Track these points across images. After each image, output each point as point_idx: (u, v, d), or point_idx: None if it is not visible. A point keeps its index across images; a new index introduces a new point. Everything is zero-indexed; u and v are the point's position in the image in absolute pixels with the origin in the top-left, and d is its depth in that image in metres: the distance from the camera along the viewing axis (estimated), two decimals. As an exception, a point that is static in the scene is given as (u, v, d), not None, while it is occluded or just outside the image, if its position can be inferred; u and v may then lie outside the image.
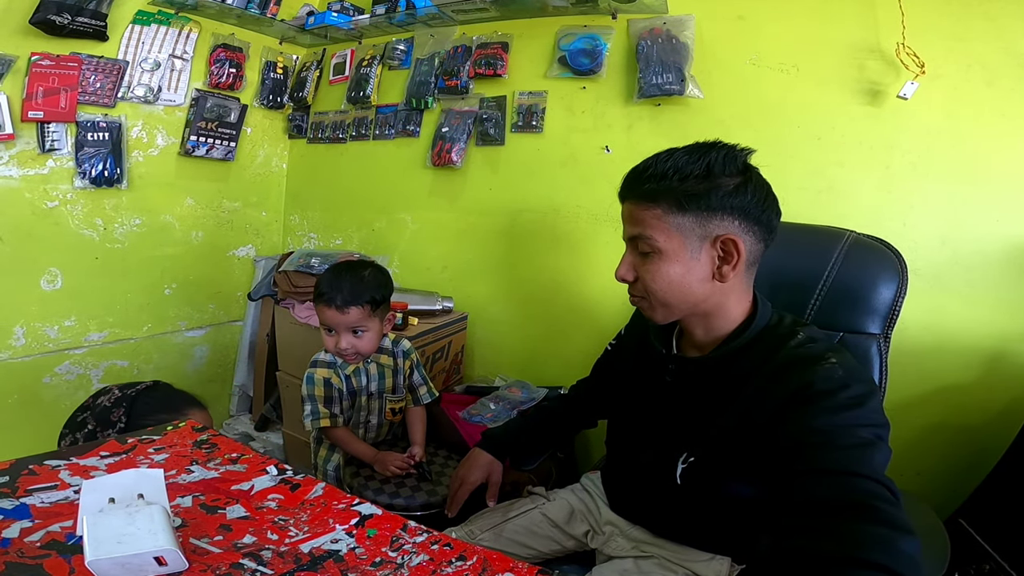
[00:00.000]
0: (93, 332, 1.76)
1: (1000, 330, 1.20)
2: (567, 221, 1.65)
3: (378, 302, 1.19)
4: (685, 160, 0.69)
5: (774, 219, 0.72)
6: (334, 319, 1.17)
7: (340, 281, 1.17)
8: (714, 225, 0.69)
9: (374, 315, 1.19)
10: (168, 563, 0.48)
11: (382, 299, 1.20)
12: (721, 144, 0.71)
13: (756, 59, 1.38)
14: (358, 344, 1.19)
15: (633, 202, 0.74)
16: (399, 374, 1.32)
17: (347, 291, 1.16)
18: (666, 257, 0.71)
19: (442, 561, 0.55)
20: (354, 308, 1.16)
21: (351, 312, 1.16)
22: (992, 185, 1.19)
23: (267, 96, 2.03)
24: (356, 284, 1.17)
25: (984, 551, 1.05)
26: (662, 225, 0.70)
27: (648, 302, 0.75)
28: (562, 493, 0.99)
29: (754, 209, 0.70)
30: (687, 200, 0.69)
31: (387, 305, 1.24)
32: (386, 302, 1.23)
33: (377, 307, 1.19)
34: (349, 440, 1.25)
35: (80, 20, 1.51)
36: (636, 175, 0.74)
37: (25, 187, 1.55)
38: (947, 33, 1.19)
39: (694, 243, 0.70)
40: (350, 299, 1.15)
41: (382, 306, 1.21)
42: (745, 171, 0.70)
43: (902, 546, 0.49)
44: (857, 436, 0.58)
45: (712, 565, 0.78)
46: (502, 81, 1.70)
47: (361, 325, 1.18)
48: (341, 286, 1.16)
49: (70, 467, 0.66)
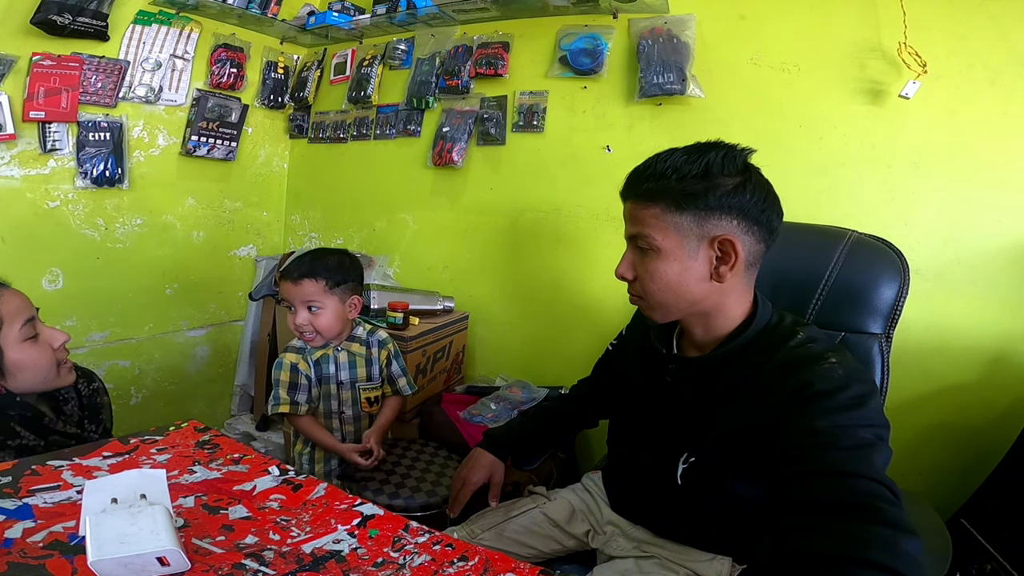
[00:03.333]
0: (95, 332, 1.76)
1: (1002, 330, 1.20)
2: (568, 221, 1.65)
3: (337, 281, 1.19)
4: (683, 160, 0.69)
5: (775, 220, 0.72)
6: (289, 292, 1.19)
7: (302, 258, 1.20)
8: (712, 225, 0.69)
9: (331, 292, 1.19)
10: (170, 563, 0.49)
11: (342, 280, 1.21)
12: (721, 144, 0.70)
13: (757, 59, 1.38)
14: (315, 321, 1.19)
15: (633, 201, 0.74)
16: (373, 364, 1.30)
17: (305, 266, 1.18)
18: (664, 256, 0.71)
19: (444, 561, 0.55)
20: (307, 280, 1.17)
21: (304, 284, 1.17)
22: (994, 185, 1.19)
23: (268, 96, 2.03)
24: (315, 261, 1.19)
25: (986, 551, 1.05)
26: (660, 224, 0.70)
27: (646, 301, 0.75)
28: (563, 493, 0.99)
29: (753, 209, 0.69)
30: (685, 199, 0.69)
31: (349, 288, 1.23)
32: (347, 284, 1.22)
33: (336, 286, 1.19)
34: (312, 428, 1.23)
35: (81, 20, 1.51)
36: (636, 175, 0.74)
37: (26, 187, 1.56)
38: (949, 32, 1.19)
39: (692, 242, 0.70)
40: (305, 272, 1.17)
41: (342, 287, 1.21)
42: (745, 171, 0.70)
43: (905, 546, 0.49)
44: (858, 437, 0.57)
45: (713, 565, 0.78)
46: (503, 81, 1.70)
47: (315, 300, 1.18)
48: (301, 261, 1.20)
49: (73, 467, 0.66)
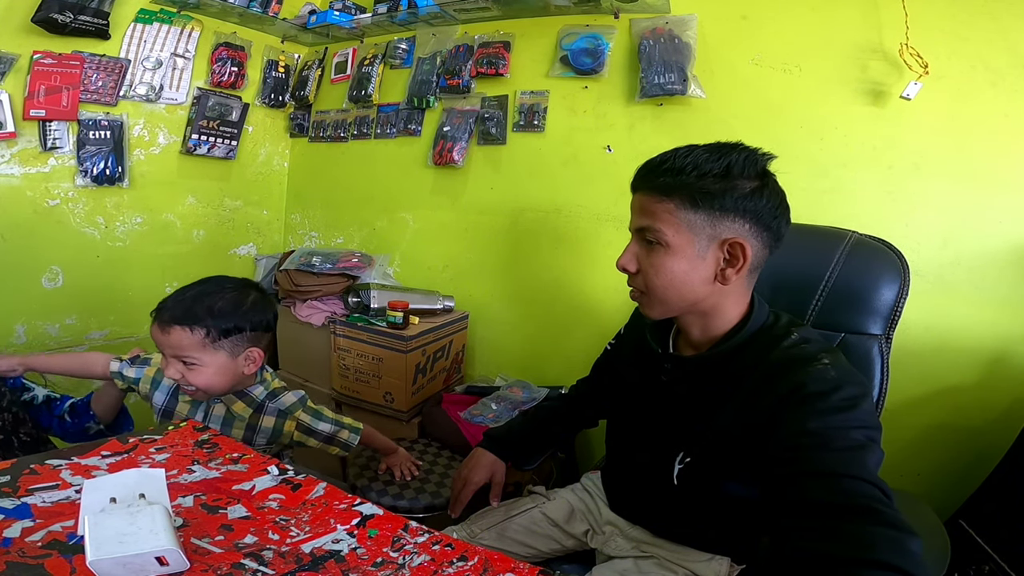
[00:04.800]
0: (94, 330, 1.76)
1: (1002, 331, 1.20)
2: (568, 220, 1.65)
3: (224, 330, 0.91)
4: (705, 157, 0.69)
5: (784, 228, 0.72)
6: (156, 337, 0.91)
7: (184, 293, 0.93)
8: (724, 226, 0.69)
9: (214, 347, 0.91)
10: (169, 563, 0.49)
11: (232, 329, 0.92)
12: (742, 146, 0.70)
13: (759, 59, 1.38)
14: (190, 377, 0.91)
15: (646, 193, 0.73)
16: (258, 433, 0.99)
17: (180, 307, 0.90)
18: (672, 252, 0.70)
19: (443, 561, 0.55)
20: (176, 329, 0.89)
21: (172, 333, 0.89)
22: (995, 186, 1.19)
23: (269, 95, 2.03)
24: (196, 302, 0.91)
25: (984, 552, 1.05)
26: (673, 219, 0.70)
27: (648, 296, 0.75)
28: (562, 492, 1.00)
29: (766, 215, 0.69)
30: (702, 198, 0.68)
31: (245, 339, 0.94)
32: (241, 334, 0.93)
33: (223, 336, 0.91)
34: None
35: (82, 18, 1.50)
36: (653, 167, 0.73)
37: (27, 185, 1.56)
38: (950, 33, 1.19)
39: (702, 242, 0.70)
40: (177, 317, 0.89)
41: (233, 337, 0.92)
42: (763, 176, 0.70)
43: (910, 546, 0.49)
44: (850, 438, 0.58)
45: (712, 565, 0.78)
46: (504, 80, 1.70)
47: (188, 355, 0.90)
48: (180, 298, 0.92)
49: (71, 467, 0.66)
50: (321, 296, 1.74)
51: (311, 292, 1.73)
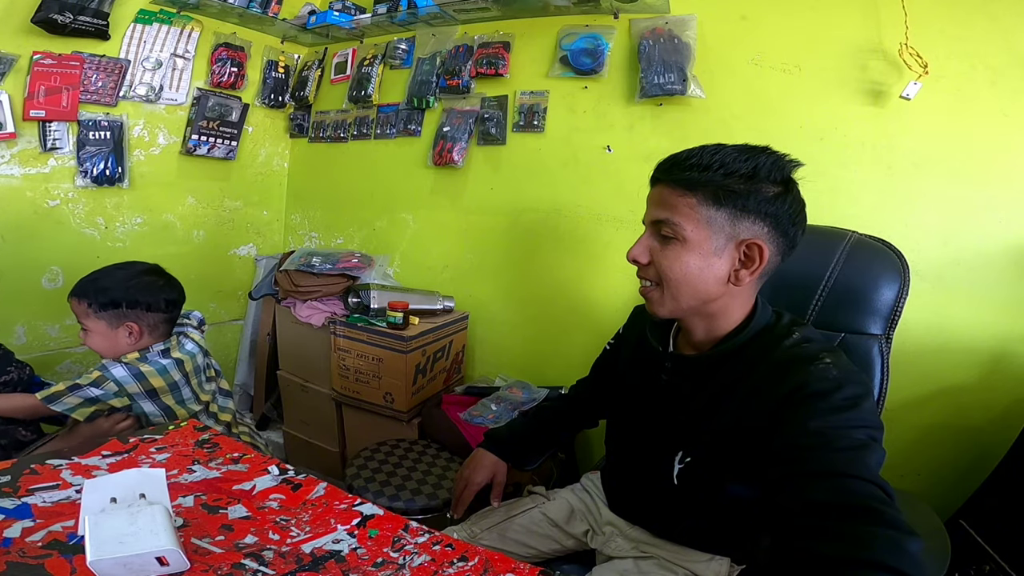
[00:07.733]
0: (94, 331, 1.76)
1: (1002, 331, 1.20)
2: (568, 221, 1.65)
3: (104, 304, 1.05)
4: (734, 157, 0.69)
5: (798, 237, 0.73)
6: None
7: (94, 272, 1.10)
8: (744, 227, 0.69)
9: (96, 316, 1.06)
10: (170, 563, 0.49)
11: (108, 303, 1.05)
12: (771, 150, 0.70)
13: (758, 59, 1.38)
14: (84, 339, 1.09)
15: (668, 186, 0.73)
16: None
17: (81, 282, 1.08)
18: (689, 247, 0.70)
19: (444, 562, 0.55)
20: (74, 300, 1.07)
21: (72, 303, 1.07)
22: (995, 186, 1.19)
23: (268, 95, 2.03)
24: (97, 278, 1.08)
25: (985, 552, 1.05)
26: (694, 215, 0.70)
27: (660, 290, 0.74)
28: (562, 493, 0.99)
29: (786, 221, 0.70)
30: (725, 196, 0.68)
31: (120, 315, 1.06)
32: (117, 309, 1.06)
33: (102, 309, 1.05)
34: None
35: (82, 19, 1.50)
36: (678, 161, 0.72)
37: (26, 186, 1.56)
38: (950, 33, 1.19)
39: (720, 240, 0.70)
40: (75, 290, 1.07)
41: (111, 311, 1.06)
42: (788, 183, 0.70)
43: (909, 547, 0.49)
44: (852, 438, 0.58)
45: (711, 566, 0.78)
46: (504, 80, 1.70)
47: (82, 322, 1.08)
48: (86, 276, 1.09)
49: (72, 467, 0.66)
50: (321, 296, 1.74)
51: (311, 292, 1.73)
